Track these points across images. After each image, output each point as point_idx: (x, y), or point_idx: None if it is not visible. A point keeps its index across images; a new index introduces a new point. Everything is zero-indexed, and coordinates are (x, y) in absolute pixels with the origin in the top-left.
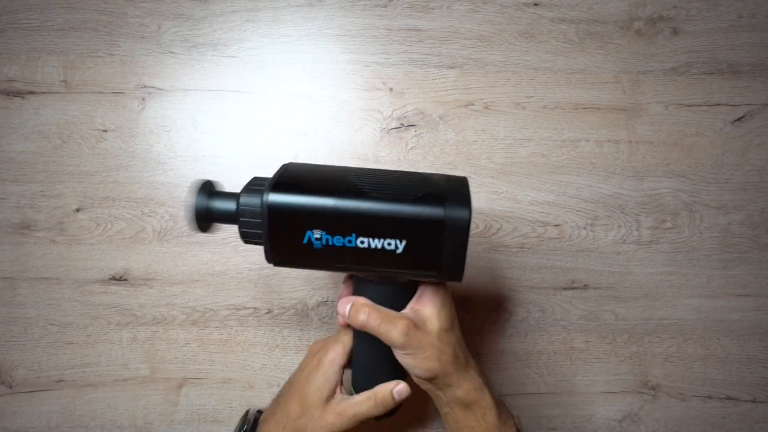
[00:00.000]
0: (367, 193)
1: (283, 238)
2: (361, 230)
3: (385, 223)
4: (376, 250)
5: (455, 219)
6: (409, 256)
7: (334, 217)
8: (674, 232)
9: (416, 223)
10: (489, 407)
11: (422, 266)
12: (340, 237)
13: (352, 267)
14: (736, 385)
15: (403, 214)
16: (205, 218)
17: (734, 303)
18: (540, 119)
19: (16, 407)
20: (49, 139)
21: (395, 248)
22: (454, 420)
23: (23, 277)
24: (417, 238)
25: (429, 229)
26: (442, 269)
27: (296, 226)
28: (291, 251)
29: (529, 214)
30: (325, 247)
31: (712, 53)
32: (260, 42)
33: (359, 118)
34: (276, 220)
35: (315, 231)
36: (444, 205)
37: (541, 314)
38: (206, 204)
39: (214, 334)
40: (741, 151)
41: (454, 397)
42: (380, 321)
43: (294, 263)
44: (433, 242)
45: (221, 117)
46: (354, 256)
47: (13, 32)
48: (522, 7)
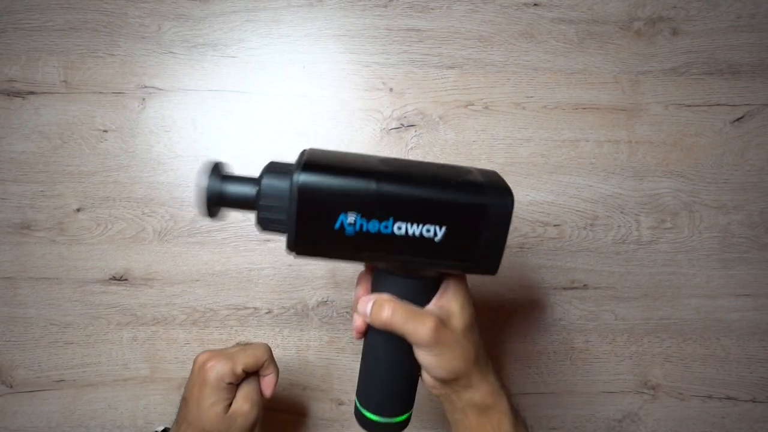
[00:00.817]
0: (409, 177)
1: (311, 223)
2: (400, 214)
3: (428, 208)
4: (413, 237)
5: (499, 205)
6: (447, 245)
7: (372, 199)
8: (674, 232)
9: (460, 207)
10: (505, 413)
11: (459, 256)
12: (377, 222)
13: (382, 256)
14: (736, 385)
15: (446, 198)
16: (217, 202)
17: (734, 303)
18: (540, 119)
19: (16, 407)
20: (49, 139)
21: (434, 235)
22: (465, 427)
23: (24, 277)
24: (458, 224)
25: (472, 215)
26: (479, 260)
27: (329, 208)
28: (319, 238)
29: (529, 214)
30: (357, 233)
31: (711, 53)
32: (260, 42)
33: (359, 118)
34: (306, 202)
35: (349, 214)
36: (486, 192)
37: (541, 314)
38: (219, 187)
39: (214, 334)
40: (740, 151)
41: (471, 401)
42: (407, 318)
43: (319, 252)
44: (473, 229)
45: (221, 117)
46: (388, 244)
47: (14, 32)
48: (522, 8)
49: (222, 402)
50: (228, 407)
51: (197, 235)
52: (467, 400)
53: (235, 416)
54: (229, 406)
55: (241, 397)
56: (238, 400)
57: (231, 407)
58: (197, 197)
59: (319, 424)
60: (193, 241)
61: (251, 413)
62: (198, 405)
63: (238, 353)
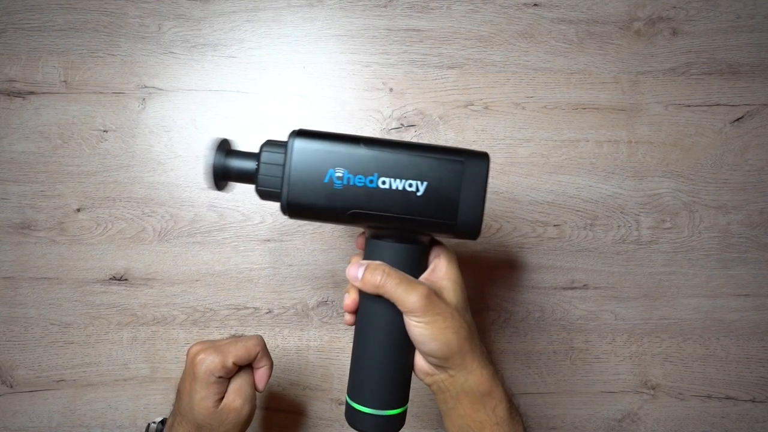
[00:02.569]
0: (392, 142)
1: (303, 179)
2: (384, 170)
3: (409, 164)
4: (396, 191)
5: (474, 166)
6: (429, 201)
7: (359, 155)
8: (674, 232)
9: (437, 165)
10: (500, 399)
11: (440, 214)
12: (362, 176)
13: (370, 212)
14: (736, 385)
15: (426, 156)
16: (222, 176)
17: (733, 303)
18: (540, 119)
19: (17, 407)
20: (49, 139)
21: (416, 190)
22: (460, 416)
23: (24, 277)
24: (438, 180)
25: (449, 173)
26: (460, 220)
27: (319, 164)
28: (310, 194)
29: (529, 214)
30: (345, 187)
31: (711, 53)
32: (260, 42)
33: (359, 118)
34: (300, 160)
35: (337, 169)
36: (463, 154)
37: (541, 314)
38: (224, 162)
39: (214, 334)
40: (740, 152)
41: (466, 385)
42: (398, 282)
43: (311, 209)
44: (452, 186)
45: (221, 117)
46: (374, 199)
47: (14, 32)
48: (522, 8)
49: (212, 396)
50: (219, 401)
51: (197, 235)
52: (461, 385)
53: (227, 411)
54: (221, 400)
55: (232, 392)
56: (230, 395)
57: (222, 401)
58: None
59: (319, 424)
60: (193, 241)
61: (243, 408)
62: (189, 398)
63: (230, 345)
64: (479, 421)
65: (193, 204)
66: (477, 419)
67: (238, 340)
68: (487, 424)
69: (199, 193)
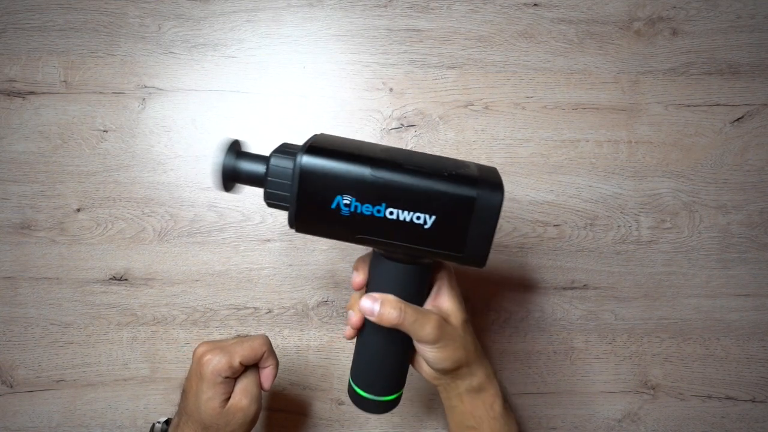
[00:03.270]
0: (403, 166)
1: (311, 201)
2: (392, 201)
3: (418, 196)
4: (404, 222)
5: (487, 200)
6: (436, 233)
7: (366, 184)
8: (674, 232)
9: (449, 198)
10: (497, 395)
11: (447, 245)
12: (370, 205)
13: (376, 239)
14: (735, 385)
15: (436, 189)
16: (231, 178)
17: (733, 303)
18: (540, 119)
19: (17, 407)
20: (49, 139)
21: (423, 223)
22: (461, 413)
23: (24, 277)
24: (447, 214)
25: (460, 207)
26: (467, 251)
27: (327, 189)
28: (317, 216)
29: (529, 214)
30: (352, 214)
31: (711, 53)
32: (260, 42)
33: (359, 118)
34: (307, 182)
35: (345, 196)
36: (477, 186)
37: (541, 314)
38: (233, 164)
39: (214, 334)
40: (740, 152)
41: (470, 386)
42: (414, 318)
43: (317, 229)
44: (461, 221)
45: (221, 117)
46: (381, 227)
47: (14, 32)
48: (522, 8)
49: (219, 397)
50: (226, 401)
51: (197, 235)
52: (465, 386)
53: (234, 411)
54: (227, 400)
55: (239, 392)
56: (237, 395)
57: (229, 401)
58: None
59: (319, 424)
60: (193, 241)
61: (250, 408)
62: (196, 399)
63: (236, 345)
64: (478, 416)
65: (193, 204)
66: (476, 415)
67: (243, 340)
68: (485, 418)
69: (199, 193)
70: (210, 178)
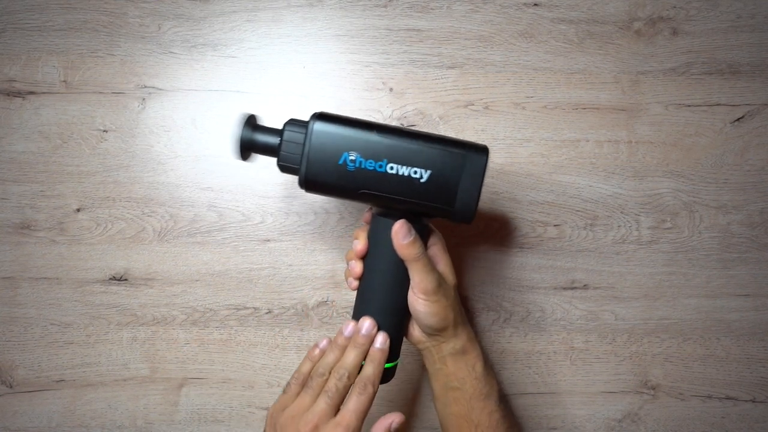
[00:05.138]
0: (403, 131)
1: (320, 159)
2: (393, 157)
3: (415, 154)
4: (402, 177)
5: (474, 159)
6: (431, 188)
7: (372, 143)
8: (674, 232)
9: (442, 155)
10: (478, 357)
11: (440, 199)
12: (373, 161)
13: (377, 194)
14: (736, 385)
15: (430, 148)
16: (248, 148)
17: (734, 303)
18: (540, 119)
19: (16, 407)
20: (49, 139)
21: (420, 177)
22: (445, 375)
23: (24, 277)
24: (440, 169)
25: (451, 163)
26: (458, 205)
27: (335, 147)
28: (325, 172)
29: (529, 214)
30: (357, 169)
31: (711, 53)
32: (260, 42)
33: (359, 118)
34: (318, 143)
35: (351, 153)
36: (465, 148)
37: (541, 314)
38: (251, 136)
39: (214, 334)
40: (740, 151)
41: (453, 349)
42: (426, 262)
43: (325, 186)
44: (453, 176)
45: (221, 117)
46: (382, 181)
47: (14, 32)
48: (522, 8)
49: None
50: None
51: (197, 235)
52: (449, 348)
53: None
54: None
55: None
56: None
57: None
58: (232, 143)
59: None
60: (193, 241)
61: None
62: None
63: (351, 417)
64: (461, 378)
65: (193, 204)
66: (459, 376)
67: (350, 412)
68: (468, 379)
69: (199, 193)
70: (228, 149)
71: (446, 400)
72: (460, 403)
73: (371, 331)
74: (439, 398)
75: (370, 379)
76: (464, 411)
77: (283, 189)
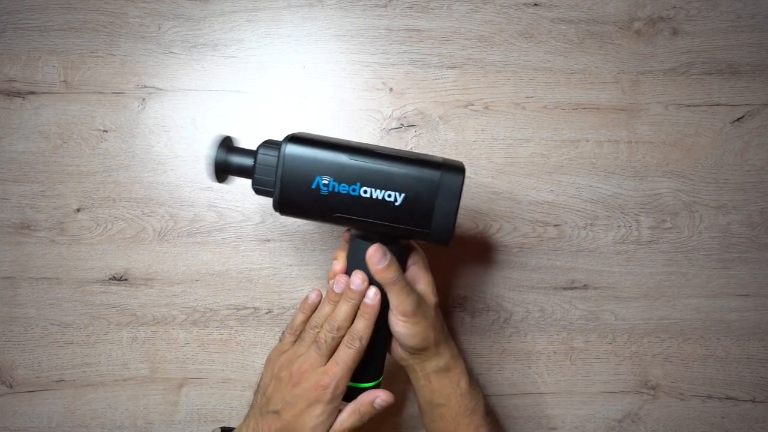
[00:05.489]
0: (375, 152)
1: (293, 183)
2: (366, 180)
3: (389, 177)
4: (376, 200)
5: (449, 181)
6: (406, 210)
7: (344, 166)
8: (674, 232)
9: (415, 177)
10: (463, 373)
11: (416, 222)
12: (346, 185)
13: (351, 217)
14: (736, 385)
15: (405, 170)
16: (223, 170)
17: (734, 303)
18: (540, 119)
19: (16, 407)
20: (49, 139)
21: (394, 200)
22: (430, 391)
23: (24, 277)
24: (414, 192)
25: (425, 186)
26: (434, 228)
27: (308, 171)
28: (298, 196)
29: (529, 214)
30: (330, 193)
31: (711, 53)
32: (260, 42)
33: (359, 118)
34: (290, 166)
35: (324, 177)
36: (440, 169)
37: (541, 314)
38: (225, 158)
39: (214, 334)
40: (740, 151)
41: (437, 367)
42: (403, 285)
43: (299, 210)
44: (427, 199)
45: (221, 117)
46: (356, 205)
47: (14, 32)
48: (522, 8)
49: (328, 423)
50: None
51: (197, 235)
52: (433, 366)
53: None
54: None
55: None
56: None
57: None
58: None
59: None
60: (193, 241)
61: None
62: (299, 417)
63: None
64: (446, 395)
65: (193, 204)
66: (444, 393)
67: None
68: (452, 396)
69: (199, 193)
70: (205, 172)
71: (432, 416)
72: (446, 420)
73: (362, 287)
74: (426, 414)
75: (358, 334)
76: (450, 427)
77: None
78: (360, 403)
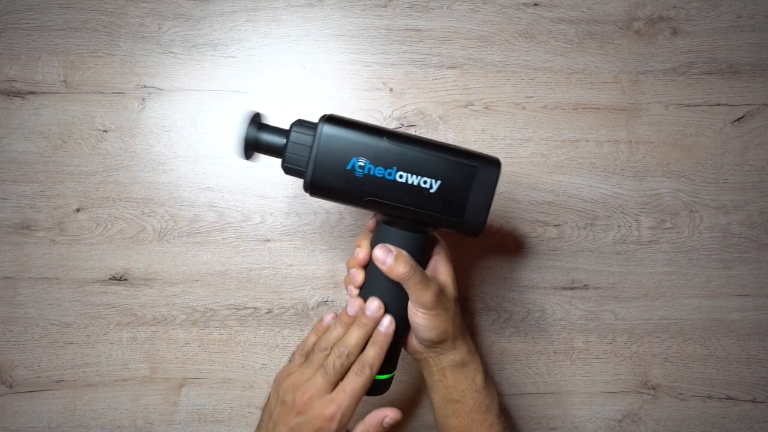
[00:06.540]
0: (414, 138)
1: (327, 163)
2: (403, 165)
3: (426, 163)
4: (412, 186)
5: (486, 171)
6: (440, 198)
7: (382, 149)
8: (674, 232)
9: (453, 166)
10: (478, 369)
11: (449, 211)
12: (382, 168)
13: (385, 202)
14: (736, 385)
15: (442, 158)
16: (252, 147)
17: (734, 303)
18: (540, 119)
19: (16, 407)
20: (49, 139)
21: (429, 187)
22: (445, 387)
23: (23, 277)
24: (451, 181)
25: (462, 175)
26: (466, 218)
27: (344, 152)
28: (332, 177)
29: (528, 214)
30: (365, 176)
31: (711, 53)
32: (260, 42)
33: (359, 117)
34: (326, 146)
35: (360, 159)
36: (478, 160)
37: (541, 314)
38: (255, 135)
39: (214, 334)
40: (740, 151)
41: (453, 361)
42: (420, 278)
43: (330, 192)
44: (463, 188)
45: (221, 117)
46: (390, 189)
47: (14, 32)
48: (522, 7)
49: None
50: None
51: (197, 235)
52: (448, 361)
53: None
54: None
55: None
56: None
57: None
58: (236, 142)
59: None
60: (193, 241)
61: None
62: None
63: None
64: (461, 390)
65: (193, 204)
66: (459, 389)
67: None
68: (468, 392)
69: (199, 193)
70: (231, 147)
71: (446, 413)
72: (460, 416)
73: (376, 314)
74: (439, 410)
75: (369, 362)
76: (464, 424)
77: (283, 189)
78: (368, 424)
